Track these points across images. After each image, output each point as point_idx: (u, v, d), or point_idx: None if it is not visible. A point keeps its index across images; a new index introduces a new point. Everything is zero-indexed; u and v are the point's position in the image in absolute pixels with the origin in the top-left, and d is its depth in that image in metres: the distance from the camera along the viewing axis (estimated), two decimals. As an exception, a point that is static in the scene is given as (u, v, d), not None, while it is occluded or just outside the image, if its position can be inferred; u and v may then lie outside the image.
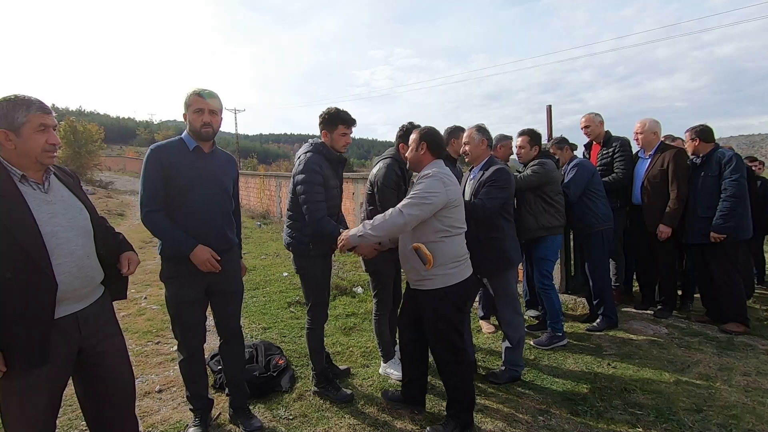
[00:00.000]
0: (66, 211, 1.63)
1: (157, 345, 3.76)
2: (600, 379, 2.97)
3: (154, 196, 2.19)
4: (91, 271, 1.68)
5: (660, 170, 3.84)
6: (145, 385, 3.04)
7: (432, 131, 2.40)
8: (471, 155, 2.99)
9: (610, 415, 2.53)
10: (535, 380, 3.01)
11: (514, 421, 2.51)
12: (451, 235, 2.29)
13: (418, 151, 2.37)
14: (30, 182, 1.57)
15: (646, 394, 2.75)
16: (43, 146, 1.56)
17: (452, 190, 2.25)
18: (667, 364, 3.15)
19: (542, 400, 2.74)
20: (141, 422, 2.54)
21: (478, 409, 2.63)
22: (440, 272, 2.27)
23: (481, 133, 2.96)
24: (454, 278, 2.30)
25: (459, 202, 2.32)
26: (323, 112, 2.70)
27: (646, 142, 4.01)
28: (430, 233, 2.26)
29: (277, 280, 5.81)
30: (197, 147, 2.28)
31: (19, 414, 1.55)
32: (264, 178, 13.14)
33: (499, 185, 2.79)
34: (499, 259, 2.89)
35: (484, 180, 2.82)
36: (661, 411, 2.55)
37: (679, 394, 2.74)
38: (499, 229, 2.88)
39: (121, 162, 33.79)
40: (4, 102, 1.52)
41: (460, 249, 2.36)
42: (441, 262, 2.26)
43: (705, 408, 2.57)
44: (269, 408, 2.71)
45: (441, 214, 2.24)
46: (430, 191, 2.18)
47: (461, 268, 2.34)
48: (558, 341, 3.47)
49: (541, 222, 3.44)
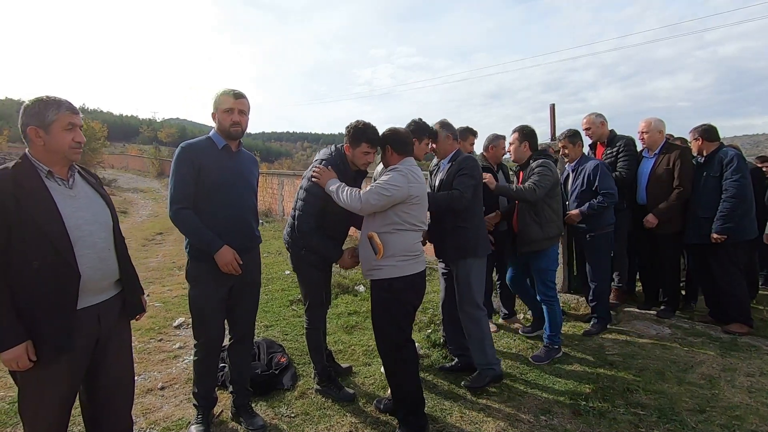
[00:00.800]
0: (89, 206, 1.73)
1: (160, 342, 3.77)
2: (602, 379, 2.96)
3: (184, 194, 2.22)
4: (111, 264, 1.77)
5: (665, 169, 3.81)
6: (147, 382, 3.04)
7: (393, 133, 2.44)
8: (439, 151, 3.02)
9: (613, 416, 2.52)
10: (537, 380, 3.00)
11: (516, 421, 2.50)
12: (404, 230, 2.32)
13: (386, 154, 2.46)
14: (56, 178, 1.66)
15: (648, 394, 2.74)
16: (70, 143, 1.66)
17: (415, 187, 2.28)
18: (670, 365, 3.14)
19: (544, 399, 2.73)
20: (143, 419, 2.57)
21: (479, 408, 2.64)
22: (388, 263, 2.30)
23: (446, 129, 2.99)
24: (401, 271, 2.31)
25: (420, 201, 2.34)
26: (351, 125, 2.53)
27: (651, 141, 3.96)
28: (384, 224, 2.31)
29: (279, 278, 5.82)
30: (226, 146, 2.33)
31: (38, 406, 1.61)
32: (266, 177, 13.15)
33: (470, 173, 2.80)
34: (465, 247, 2.84)
35: (455, 170, 2.83)
36: (664, 411, 2.54)
37: (682, 395, 2.73)
38: (467, 218, 2.85)
39: (124, 160, 33.86)
40: (37, 102, 1.63)
41: (411, 245, 2.36)
42: (390, 254, 2.29)
43: (708, 409, 2.56)
44: (271, 406, 2.71)
45: (399, 208, 2.28)
46: (392, 184, 2.23)
47: (410, 263, 2.34)
48: (556, 354, 3.32)
49: (547, 232, 3.26)
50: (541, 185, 3.15)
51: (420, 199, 2.33)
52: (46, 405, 1.62)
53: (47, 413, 1.63)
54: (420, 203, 2.34)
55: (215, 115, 2.33)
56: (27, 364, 1.55)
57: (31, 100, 1.65)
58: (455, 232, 2.85)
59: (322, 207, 2.53)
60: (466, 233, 2.85)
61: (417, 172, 2.35)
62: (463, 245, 2.85)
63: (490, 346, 2.90)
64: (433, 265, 6.44)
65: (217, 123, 2.33)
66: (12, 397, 2.79)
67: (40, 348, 1.57)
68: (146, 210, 14.06)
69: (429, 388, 2.88)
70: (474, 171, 2.83)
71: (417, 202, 2.32)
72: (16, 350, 1.52)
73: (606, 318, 3.80)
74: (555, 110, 5.46)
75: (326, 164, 2.54)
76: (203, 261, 2.28)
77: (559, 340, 3.37)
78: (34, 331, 1.56)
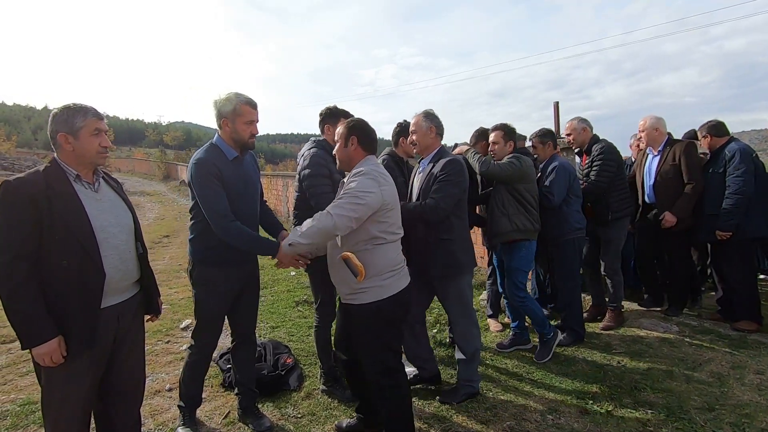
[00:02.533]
0: (113, 209, 1.82)
1: (167, 344, 3.80)
2: (609, 377, 2.94)
3: (225, 207, 2.15)
4: (132, 265, 1.84)
5: (672, 165, 3.70)
6: (155, 383, 3.07)
7: (362, 123, 2.14)
8: (419, 145, 2.69)
9: (620, 414, 2.51)
10: (543, 378, 2.99)
11: (523, 420, 2.49)
12: (385, 243, 2.03)
13: (348, 147, 2.09)
14: (83, 182, 1.75)
15: (656, 392, 2.72)
16: (97, 148, 1.74)
17: (387, 190, 1.99)
18: (678, 363, 3.11)
19: (551, 398, 2.72)
20: (152, 420, 2.59)
21: (486, 407, 2.63)
22: (373, 284, 1.99)
23: (429, 120, 2.64)
24: (389, 290, 2.03)
25: (394, 205, 2.06)
26: (323, 110, 2.82)
27: (651, 140, 3.85)
28: (361, 240, 1.99)
29: (285, 279, 5.84)
30: (237, 157, 2.28)
31: (61, 402, 1.67)
32: (271, 178, 13.20)
33: (453, 180, 2.49)
34: (449, 264, 2.58)
35: (435, 174, 2.53)
36: (672, 410, 2.52)
37: (690, 393, 2.70)
38: (450, 229, 2.58)
39: (131, 163, 34.12)
40: (65, 109, 1.71)
41: (395, 257, 2.10)
42: (374, 273, 1.98)
43: (717, 407, 2.54)
44: (278, 406, 2.72)
45: (375, 218, 1.97)
46: (363, 190, 1.91)
47: (397, 278, 2.07)
48: (554, 341, 3.27)
49: (515, 223, 3.09)
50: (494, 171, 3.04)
51: (394, 203, 2.05)
52: (70, 402, 1.68)
53: (70, 411, 1.69)
54: (395, 207, 2.07)
55: (227, 122, 2.22)
56: (60, 359, 1.62)
57: (59, 107, 1.73)
58: (440, 246, 2.56)
59: (331, 183, 2.61)
60: (452, 247, 2.58)
61: (383, 171, 2.07)
62: (451, 262, 2.58)
63: (477, 364, 2.77)
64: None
65: (231, 131, 2.23)
66: (22, 399, 2.82)
67: (68, 344, 1.64)
68: (153, 213, 14.16)
69: (434, 388, 2.88)
70: (458, 177, 2.51)
71: (392, 207, 2.03)
72: (50, 344, 1.60)
73: (579, 331, 3.53)
74: (559, 108, 5.44)
75: (315, 149, 2.69)
76: (213, 266, 2.29)
77: (551, 328, 3.28)
78: (61, 328, 1.63)
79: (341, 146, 2.11)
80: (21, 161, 22.55)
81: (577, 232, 3.44)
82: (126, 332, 1.85)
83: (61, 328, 1.63)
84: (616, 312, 3.86)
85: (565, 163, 3.45)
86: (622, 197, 3.72)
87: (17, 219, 1.58)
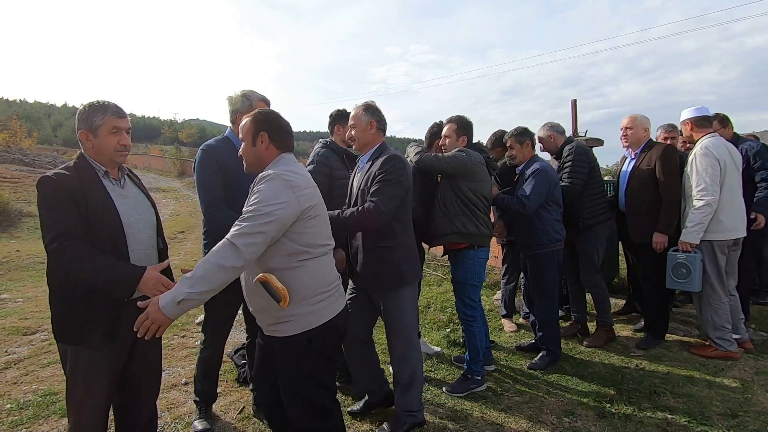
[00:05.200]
0: (137, 205, 1.85)
1: (183, 339, 3.84)
2: (627, 380, 2.88)
3: (215, 197, 2.22)
4: (153, 260, 1.87)
5: (646, 170, 3.25)
6: (171, 377, 3.11)
7: (272, 115, 1.77)
8: (358, 141, 2.37)
9: (639, 419, 2.45)
10: (559, 380, 2.95)
11: (539, 422, 2.46)
12: (311, 257, 1.64)
13: (257, 146, 1.71)
14: (111, 178, 1.79)
15: (676, 397, 2.66)
16: (115, 146, 1.75)
17: (306, 195, 1.61)
18: (700, 367, 3.04)
19: (568, 400, 2.68)
20: (168, 414, 2.62)
21: (501, 408, 2.60)
22: (300, 310, 1.63)
23: (370, 114, 2.34)
24: (321, 317, 1.66)
25: (319, 211, 1.68)
26: (334, 111, 2.92)
27: (635, 139, 3.39)
28: (281, 258, 1.61)
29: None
30: None
31: (84, 392, 1.71)
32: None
33: (393, 180, 2.17)
34: (389, 275, 2.26)
35: (374, 173, 2.22)
36: (694, 415, 2.46)
37: (712, 398, 2.63)
38: (390, 235, 2.25)
39: (147, 160, 34.67)
40: (87, 107, 1.73)
41: (327, 274, 1.71)
42: (301, 297, 1.62)
43: (741, 413, 2.47)
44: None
45: (294, 231, 1.59)
46: (270, 202, 1.52)
47: (330, 300, 1.71)
48: (475, 386, 2.77)
49: (456, 225, 2.72)
50: (427, 161, 2.70)
51: (317, 208, 1.67)
52: (92, 392, 1.72)
53: (92, 400, 1.72)
54: (320, 213, 1.69)
55: (242, 116, 2.28)
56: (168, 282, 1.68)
57: (83, 105, 1.75)
58: (376, 254, 2.25)
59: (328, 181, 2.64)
60: (392, 255, 2.25)
61: (300, 171, 1.68)
62: (390, 273, 2.26)
63: (417, 390, 2.39)
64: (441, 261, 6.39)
65: None
66: (43, 390, 2.88)
67: (92, 333, 1.67)
68: (168, 209, 14.38)
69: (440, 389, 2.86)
70: (400, 175, 2.19)
71: (315, 213, 1.65)
72: (149, 273, 1.66)
73: (556, 351, 3.18)
74: (576, 106, 5.35)
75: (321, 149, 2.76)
76: None
77: (481, 370, 2.81)
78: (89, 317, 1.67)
79: (248, 145, 1.72)
80: (41, 157, 23.11)
81: (556, 244, 3.09)
82: None
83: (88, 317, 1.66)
84: (605, 329, 3.50)
85: (547, 166, 3.12)
86: (594, 203, 3.38)
87: (62, 209, 1.61)
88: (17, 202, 11.85)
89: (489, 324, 4.01)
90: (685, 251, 3.11)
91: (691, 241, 3.08)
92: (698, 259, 3.08)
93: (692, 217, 3.07)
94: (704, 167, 3.05)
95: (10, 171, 16.47)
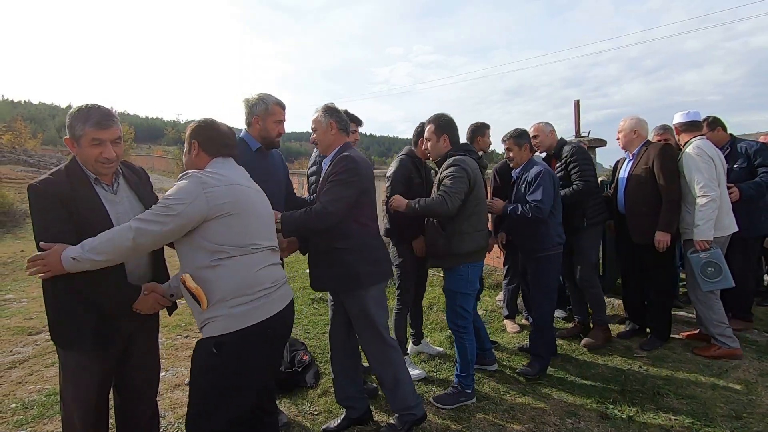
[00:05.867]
0: (130, 211, 1.78)
1: (186, 339, 3.86)
2: (631, 381, 2.87)
3: None
4: (145, 269, 1.84)
5: (644, 169, 3.24)
6: (174, 377, 3.12)
7: (203, 124, 1.79)
8: (320, 144, 2.35)
9: (642, 420, 2.44)
10: (562, 381, 2.94)
11: (542, 423, 2.46)
12: (230, 257, 1.59)
13: (191, 155, 1.76)
14: (102, 184, 1.74)
15: (680, 398, 2.65)
16: (96, 158, 1.65)
17: (217, 192, 1.57)
18: (703, 368, 3.02)
19: (571, 401, 2.67)
20: (172, 413, 2.63)
21: (503, 409, 2.60)
22: (220, 312, 1.57)
23: (329, 115, 2.29)
24: (238, 322, 1.57)
25: (240, 210, 1.62)
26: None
27: (627, 142, 3.40)
28: (199, 257, 1.58)
29: (301, 276, 5.87)
30: (260, 148, 2.39)
31: (74, 390, 1.72)
32: (287, 176, 13.29)
33: (344, 180, 2.12)
34: (344, 276, 2.21)
35: (326, 174, 2.21)
36: (697, 416, 2.45)
37: (716, 400, 2.62)
38: (347, 237, 2.19)
39: (150, 161, 34.81)
40: (74, 112, 1.66)
41: (251, 276, 1.62)
42: (219, 298, 1.57)
43: (745, 415, 2.46)
44: (294, 403, 2.74)
45: (209, 229, 1.57)
46: (176, 198, 1.53)
47: (256, 304, 1.61)
48: (465, 399, 2.68)
49: (456, 247, 2.58)
50: (454, 191, 2.49)
51: (238, 209, 1.61)
52: (81, 391, 1.72)
53: (82, 399, 1.72)
54: (241, 212, 1.62)
55: (258, 119, 2.34)
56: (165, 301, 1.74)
57: (73, 110, 1.69)
58: (331, 255, 2.21)
59: None
60: (348, 257, 2.20)
61: (227, 173, 1.68)
62: (345, 274, 2.20)
63: (407, 387, 2.31)
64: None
65: (261, 129, 2.34)
66: (48, 390, 2.90)
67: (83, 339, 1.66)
68: (171, 210, 14.42)
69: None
70: (351, 175, 2.14)
71: (233, 211, 1.59)
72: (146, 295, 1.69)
73: (546, 359, 3.07)
74: (579, 106, 5.34)
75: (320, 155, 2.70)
76: None
77: (471, 384, 2.71)
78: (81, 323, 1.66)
79: (186, 154, 1.78)
80: (46, 158, 23.22)
81: (558, 247, 3.03)
82: (140, 329, 1.86)
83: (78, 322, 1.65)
84: (602, 327, 3.47)
85: (549, 170, 3.05)
86: (597, 202, 3.43)
87: (52, 218, 1.59)
88: (22, 202, 11.92)
89: (492, 325, 4.03)
90: (704, 250, 3.10)
91: (706, 238, 3.06)
92: (721, 254, 3.09)
93: (700, 215, 3.05)
94: (701, 165, 3.08)
95: (15, 172, 16.57)
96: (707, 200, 3.03)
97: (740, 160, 3.57)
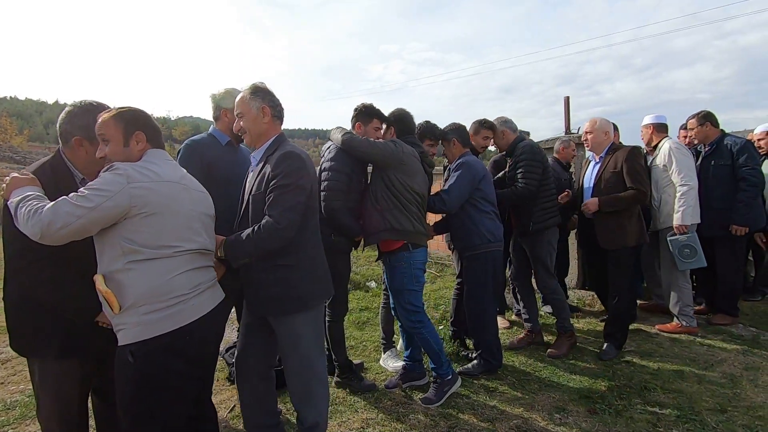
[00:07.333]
0: None
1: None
2: (618, 377, 2.90)
3: None
4: None
5: (612, 172, 3.13)
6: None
7: (142, 114, 1.62)
8: (249, 134, 1.93)
9: (630, 414, 2.46)
10: (551, 377, 2.95)
11: (530, 419, 2.46)
12: (145, 259, 1.45)
13: (130, 146, 1.56)
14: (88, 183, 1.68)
15: (667, 393, 2.67)
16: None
17: (142, 187, 1.44)
18: (690, 363, 3.06)
19: (559, 397, 2.69)
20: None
21: (492, 405, 2.60)
22: (131, 319, 1.45)
23: (260, 98, 1.89)
24: (154, 329, 1.45)
25: (161, 210, 1.48)
26: (359, 105, 2.76)
27: (596, 144, 3.26)
28: (112, 257, 1.46)
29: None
30: (230, 141, 2.39)
31: (53, 398, 1.66)
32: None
33: (292, 185, 1.76)
34: (286, 299, 1.84)
35: (267, 176, 1.80)
36: (683, 410, 2.47)
37: (702, 394, 2.65)
38: (292, 251, 1.83)
39: (140, 158, 34.47)
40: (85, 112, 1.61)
41: (167, 281, 1.48)
42: (130, 303, 1.44)
43: (730, 408, 2.49)
44: (283, 401, 2.71)
45: (128, 227, 1.44)
46: (94, 187, 1.40)
47: (172, 311, 1.48)
48: (449, 386, 2.65)
49: (388, 220, 2.50)
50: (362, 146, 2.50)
51: (164, 208, 1.48)
52: (62, 400, 1.67)
53: (62, 408, 1.67)
54: (161, 212, 1.48)
55: (227, 112, 2.33)
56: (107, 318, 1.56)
57: (77, 106, 1.62)
58: (271, 274, 1.83)
59: (347, 183, 2.56)
60: (293, 274, 1.84)
61: (157, 169, 1.52)
62: (288, 295, 1.83)
63: None
64: (445, 261, 6.40)
65: (230, 122, 2.29)
66: (31, 390, 2.83)
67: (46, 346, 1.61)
68: (161, 207, 14.29)
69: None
70: (299, 178, 1.79)
71: (152, 211, 1.45)
72: None
73: (492, 362, 2.98)
74: (569, 103, 5.36)
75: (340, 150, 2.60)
76: None
77: (448, 370, 2.68)
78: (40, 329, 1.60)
79: (116, 148, 1.54)
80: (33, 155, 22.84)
81: (490, 245, 2.88)
82: None
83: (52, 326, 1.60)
84: (567, 335, 3.32)
85: (473, 160, 2.93)
86: (546, 206, 3.24)
87: None
88: (7, 200, 11.73)
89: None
90: (683, 233, 3.42)
91: (686, 222, 3.40)
92: (696, 238, 3.43)
93: (682, 201, 3.40)
94: (681, 158, 3.46)
95: (0, 169, 16.30)
96: (687, 188, 3.40)
97: (724, 156, 3.61)
